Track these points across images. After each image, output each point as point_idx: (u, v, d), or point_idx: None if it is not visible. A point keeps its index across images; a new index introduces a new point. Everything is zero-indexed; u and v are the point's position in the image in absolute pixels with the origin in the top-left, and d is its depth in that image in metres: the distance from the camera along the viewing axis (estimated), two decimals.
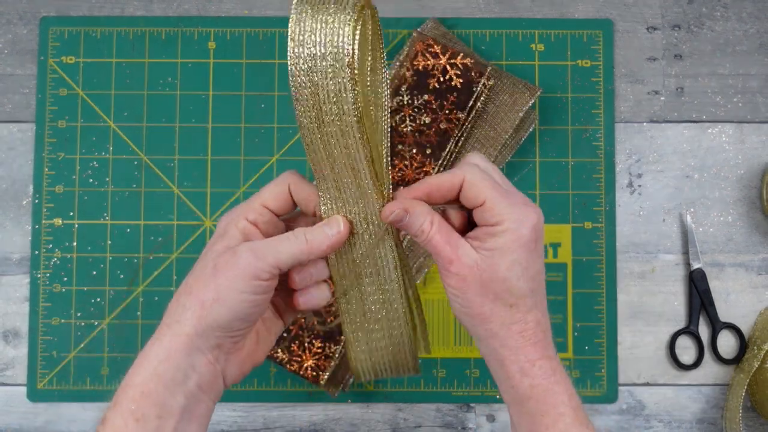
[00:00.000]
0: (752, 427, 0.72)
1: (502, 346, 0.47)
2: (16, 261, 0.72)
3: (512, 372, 0.47)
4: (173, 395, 0.45)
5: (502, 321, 0.47)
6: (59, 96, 0.73)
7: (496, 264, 0.46)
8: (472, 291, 0.46)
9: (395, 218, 0.47)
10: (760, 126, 0.73)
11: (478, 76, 0.68)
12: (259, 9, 0.74)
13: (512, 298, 0.47)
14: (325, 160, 0.45)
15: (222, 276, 0.45)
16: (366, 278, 0.50)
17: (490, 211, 0.46)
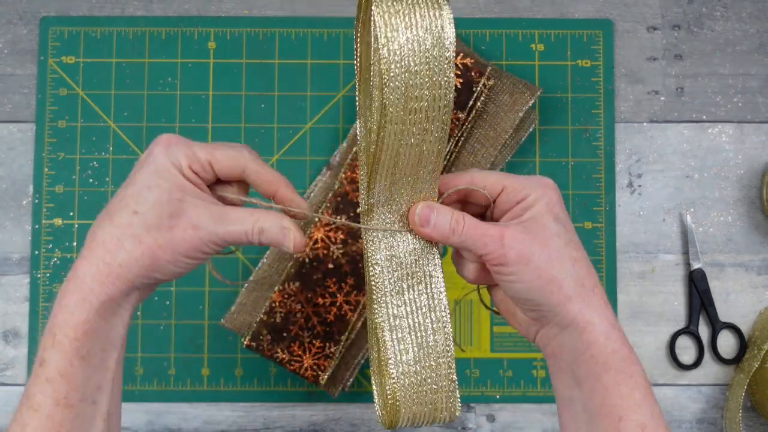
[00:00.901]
0: (752, 427, 0.72)
1: (584, 309, 0.45)
2: (16, 261, 0.72)
3: (596, 335, 0.45)
4: (114, 329, 0.46)
5: (576, 279, 0.45)
6: (59, 96, 0.73)
7: (544, 222, 0.46)
8: (535, 256, 0.45)
9: (421, 217, 0.46)
10: (760, 126, 0.73)
11: (478, 76, 0.68)
12: (259, 9, 0.74)
13: (573, 251, 0.46)
14: (395, 152, 0.44)
15: (162, 248, 0.44)
16: (407, 286, 0.48)
17: (514, 191, 0.47)
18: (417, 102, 0.42)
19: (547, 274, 0.45)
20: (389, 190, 0.46)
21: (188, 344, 0.71)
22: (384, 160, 0.44)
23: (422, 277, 0.48)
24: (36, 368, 0.44)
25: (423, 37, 0.41)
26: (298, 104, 0.73)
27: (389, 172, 0.45)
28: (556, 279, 0.45)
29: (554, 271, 0.45)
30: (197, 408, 0.71)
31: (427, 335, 0.47)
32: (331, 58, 0.73)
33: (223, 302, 0.71)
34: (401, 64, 0.41)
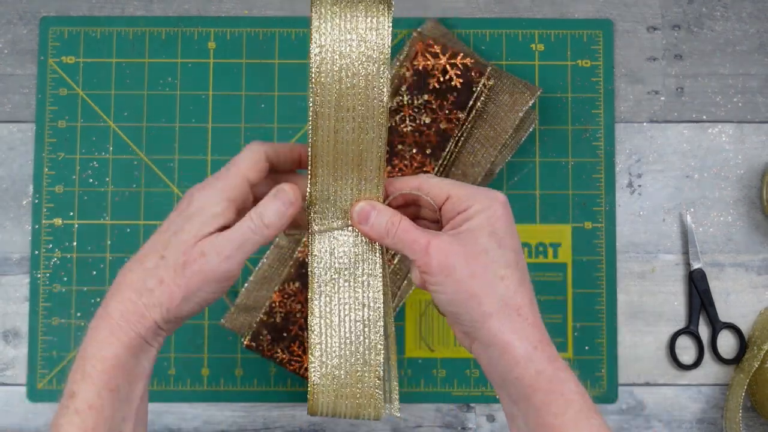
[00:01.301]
0: (752, 427, 0.72)
1: (502, 329, 0.45)
2: (16, 261, 0.72)
3: (517, 358, 0.45)
4: (141, 363, 0.47)
5: (498, 296, 0.45)
6: (59, 96, 0.73)
7: (476, 237, 0.46)
8: (459, 268, 0.45)
9: (361, 214, 0.47)
10: (760, 126, 0.73)
11: (478, 76, 0.68)
12: (259, 9, 0.74)
13: (501, 269, 0.46)
14: (332, 147, 0.45)
15: (193, 278, 0.46)
16: (343, 281, 0.49)
17: (458, 200, 0.47)
18: (349, 103, 0.43)
19: (467, 288, 0.45)
20: (333, 186, 0.47)
21: (188, 344, 0.71)
22: (322, 155, 0.46)
23: (360, 275, 0.49)
24: (65, 400, 0.46)
25: (357, 43, 0.42)
26: (298, 104, 0.73)
27: (329, 167, 0.46)
28: (477, 295, 0.45)
29: (475, 287, 0.45)
30: (197, 408, 0.71)
31: (357, 330, 0.49)
32: None
33: (223, 302, 0.71)
34: (331, 67, 0.42)
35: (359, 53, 0.42)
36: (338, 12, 0.42)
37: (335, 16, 0.42)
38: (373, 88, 0.43)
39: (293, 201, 0.47)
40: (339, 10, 0.42)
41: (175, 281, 0.46)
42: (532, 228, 0.72)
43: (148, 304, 0.46)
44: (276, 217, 0.47)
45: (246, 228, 0.47)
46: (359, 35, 0.41)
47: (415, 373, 0.71)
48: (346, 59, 0.42)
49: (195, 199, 0.48)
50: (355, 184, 0.47)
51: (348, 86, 0.43)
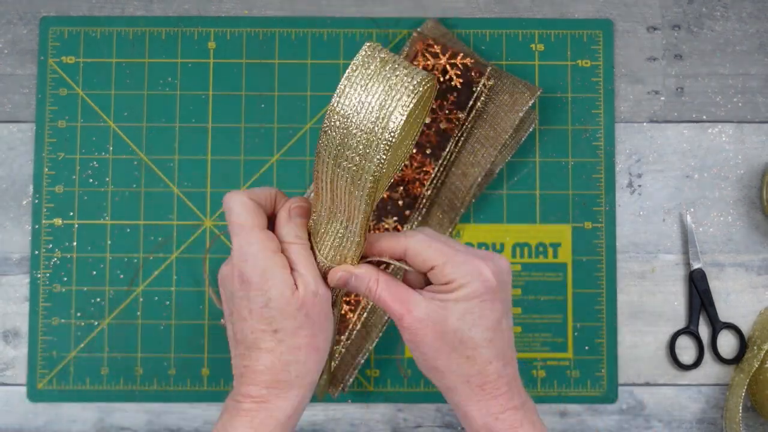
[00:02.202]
0: (752, 427, 0.72)
1: (463, 401, 0.48)
2: (16, 261, 0.72)
3: (476, 426, 0.48)
4: None
5: (460, 374, 0.47)
6: (59, 96, 0.73)
7: (447, 315, 0.46)
8: (426, 344, 0.47)
9: (340, 281, 0.48)
10: (760, 126, 0.73)
11: (478, 76, 0.68)
12: (259, 9, 0.74)
13: (467, 349, 0.47)
14: (329, 191, 0.45)
15: (319, 336, 0.48)
16: None
17: (441, 274, 0.47)
18: (347, 161, 0.42)
19: (432, 363, 0.47)
20: (327, 219, 0.48)
21: (188, 344, 0.71)
22: (321, 193, 0.46)
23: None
24: None
25: (373, 107, 0.41)
26: (298, 104, 0.73)
27: (328, 202, 0.46)
28: (440, 369, 0.47)
29: (439, 363, 0.47)
30: (197, 408, 0.71)
31: None
32: (331, 58, 0.73)
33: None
34: (342, 120, 0.41)
35: (368, 120, 0.41)
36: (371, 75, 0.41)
37: (363, 77, 0.41)
38: (370, 160, 0.42)
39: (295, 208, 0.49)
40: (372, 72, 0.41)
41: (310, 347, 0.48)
42: (532, 228, 0.72)
43: (300, 375, 0.48)
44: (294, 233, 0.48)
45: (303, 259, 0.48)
46: (378, 105, 0.41)
47: (415, 373, 0.71)
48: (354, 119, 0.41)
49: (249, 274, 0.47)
50: (344, 228, 0.47)
51: (347, 144, 0.42)
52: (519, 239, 0.72)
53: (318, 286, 0.47)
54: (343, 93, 0.41)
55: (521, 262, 0.72)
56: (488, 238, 0.72)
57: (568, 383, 0.71)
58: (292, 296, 0.46)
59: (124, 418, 0.71)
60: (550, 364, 0.71)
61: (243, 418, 0.46)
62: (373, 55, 0.41)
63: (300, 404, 0.47)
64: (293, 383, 0.46)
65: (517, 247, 0.72)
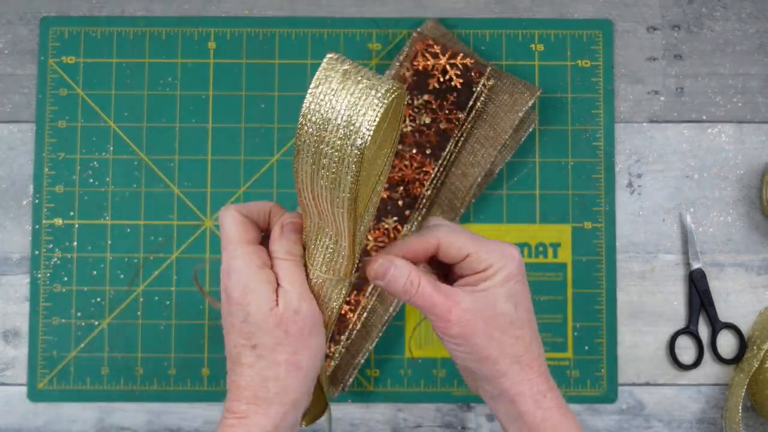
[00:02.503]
0: (752, 426, 0.72)
1: (514, 383, 0.48)
2: (16, 261, 0.72)
3: (527, 407, 0.48)
4: None
5: (513, 355, 0.47)
6: (59, 96, 0.73)
7: (495, 300, 0.47)
8: (477, 334, 0.46)
9: (379, 271, 0.47)
10: (760, 126, 0.73)
11: (478, 76, 0.68)
12: (260, 9, 0.74)
13: (516, 329, 0.47)
14: (314, 206, 0.44)
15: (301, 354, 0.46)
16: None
17: (477, 260, 0.47)
18: (323, 179, 0.40)
19: (484, 352, 0.47)
20: (316, 235, 0.46)
21: (188, 344, 0.71)
22: (306, 206, 0.44)
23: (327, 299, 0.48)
24: None
25: (339, 124, 0.39)
26: (298, 104, 0.73)
27: (315, 217, 0.45)
28: (491, 357, 0.47)
29: (492, 350, 0.47)
30: (197, 408, 0.71)
31: None
32: None
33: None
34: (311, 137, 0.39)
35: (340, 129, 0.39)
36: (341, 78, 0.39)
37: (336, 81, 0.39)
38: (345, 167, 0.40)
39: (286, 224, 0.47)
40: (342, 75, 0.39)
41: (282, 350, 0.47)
42: (532, 228, 0.72)
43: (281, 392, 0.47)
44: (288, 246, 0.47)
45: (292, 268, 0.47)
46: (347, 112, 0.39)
47: (415, 373, 0.71)
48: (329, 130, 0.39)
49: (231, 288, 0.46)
50: (332, 242, 0.46)
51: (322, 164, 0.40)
52: (519, 239, 0.72)
53: (302, 303, 0.46)
54: (309, 110, 0.39)
55: None
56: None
57: (567, 383, 0.71)
58: (270, 312, 0.45)
59: (124, 418, 0.71)
60: (550, 364, 0.71)
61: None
62: (335, 68, 0.39)
63: (282, 422, 0.46)
64: (272, 400, 0.46)
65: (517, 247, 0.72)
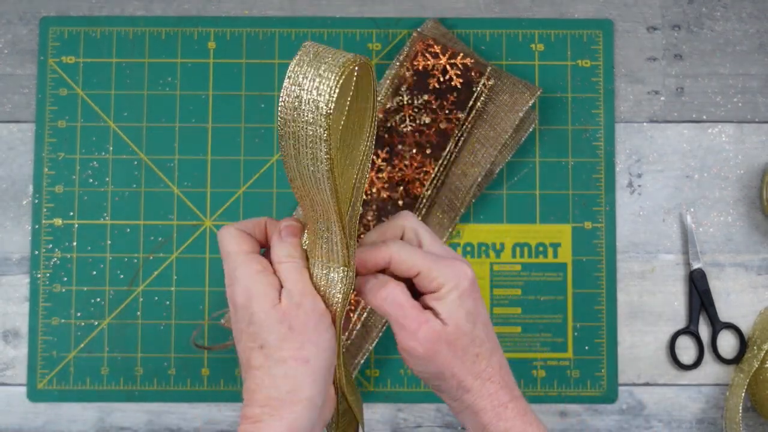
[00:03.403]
0: (752, 427, 0.72)
1: (477, 398, 0.48)
2: (16, 261, 0.72)
3: (488, 419, 0.48)
4: None
5: (474, 373, 0.48)
6: (59, 96, 0.73)
7: (455, 320, 0.47)
8: (442, 354, 0.47)
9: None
10: (760, 126, 0.73)
11: (478, 76, 0.68)
12: (259, 9, 0.74)
13: (476, 348, 0.48)
14: (306, 196, 0.45)
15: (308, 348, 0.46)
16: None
17: (428, 278, 0.48)
18: (305, 158, 0.43)
19: (449, 370, 0.48)
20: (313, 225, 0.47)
21: (188, 344, 0.71)
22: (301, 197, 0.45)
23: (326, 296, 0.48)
24: None
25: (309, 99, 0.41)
26: None
27: (308, 206, 0.46)
28: (456, 375, 0.48)
29: (455, 369, 0.48)
30: (197, 408, 0.71)
31: None
32: None
33: (223, 302, 0.71)
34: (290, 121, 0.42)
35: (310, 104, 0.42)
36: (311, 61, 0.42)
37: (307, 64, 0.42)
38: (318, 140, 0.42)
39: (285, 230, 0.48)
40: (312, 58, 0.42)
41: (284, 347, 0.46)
42: (532, 228, 0.72)
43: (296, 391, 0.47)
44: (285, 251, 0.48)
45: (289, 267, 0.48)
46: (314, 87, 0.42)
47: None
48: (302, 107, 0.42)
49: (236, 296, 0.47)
50: (326, 230, 0.47)
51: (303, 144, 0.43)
52: (519, 239, 0.72)
53: (303, 298, 0.46)
54: (286, 94, 0.42)
55: (521, 262, 0.72)
56: (488, 238, 0.72)
57: (568, 383, 0.71)
58: (272, 309, 0.45)
59: (124, 418, 0.71)
60: (550, 364, 0.71)
61: None
62: (308, 50, 0.42)
63: (297, 423, 0.45)
64: (284, 399, 0.45)
65: (517, 247, 0.72)
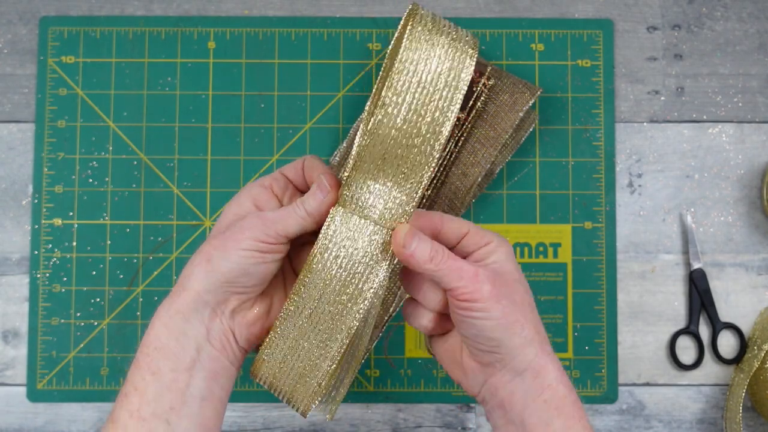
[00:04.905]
0: (752, 427, 0.72)
1: (539, 353, 0.47)
2: (15, 261, 0.72)
3: (549, 381, 0.47)
4: (184, 348, 0.47)
5: (534, 324, 0.48)
6: (59, 96, 0.73)
7: (508, 268, 0.48)
8: (505, 296, 0.46)
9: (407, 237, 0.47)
10: (760, 126, 0.73)
11: (478, 76, 0.68)
12: (259, 9, 0.74)
13: (530, 298, 0.49)
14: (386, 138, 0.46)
15: (229, 236, 0.47)
16: (336, 280, 0.48)
17: (478, 235, 0.49)
18: (416, 118, 0.45)
19: (513, 314, 0.46)
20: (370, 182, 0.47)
21: None
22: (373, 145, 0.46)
23: (355, 283, 0.47)
24: (121, 389, 0.48)
25: (439, 71, 0.44)
26: (298, 104, 0.73)
27: (375, 161, 0.46)
28: (520, 321, 0.47)
29: (518, 313, 0.47)
30: None
31: (323, 330, 0.48)
32: (331, 58, 0.73)
33: None
34: (409, 80, 0.44)
35: (434, 84, 0.44)
36: (429, 39, 0.45)
37: (427, 40, 0.45)
38: (443, 113, 0.44)
39: (329, 189, 0.48)
40: (431, 35, 0.45)
41: (211, 243, 0.48)
42: (532, 228, 0.72)
43: (187, 274, 0.48)
44: (315, 205, 0.48)
45: (288, 209, 0.48)
46: (442, 66, 0.44)
47: (415, 373, 0.71)
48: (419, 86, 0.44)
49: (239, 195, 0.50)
50: (388, 193, 0.48)
51: (415, 104, 0.44)
52: (519, 239, 0.72)
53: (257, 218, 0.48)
54: (407, 55, 0.44)
55: (521, 262, 0.72)
56: None
57: None
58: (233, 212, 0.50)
59: None
60: None
61: None
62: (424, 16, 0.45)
63: (180, 308, 0.48)
64: (181, 283, 0.48)
65: (517, 247, 0.72)
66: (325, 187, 0.48)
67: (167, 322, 0.47)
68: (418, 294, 0.50)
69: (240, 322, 0.49)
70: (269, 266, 0.48)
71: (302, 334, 0.48)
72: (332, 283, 0.47)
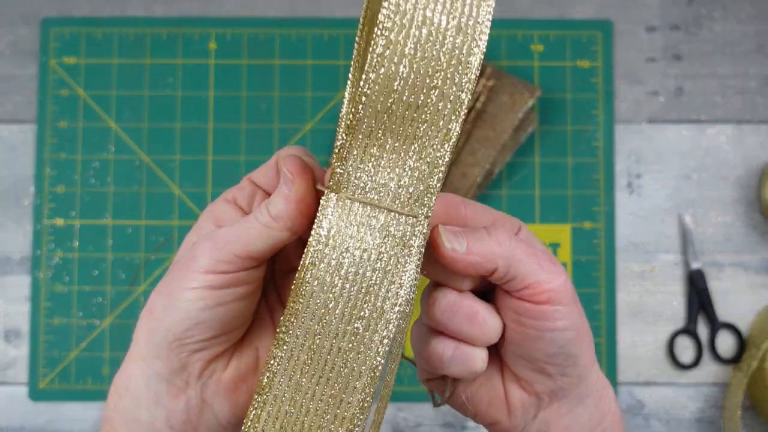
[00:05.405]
0: (751, 426, 0.72)
1: (599, 373, 0.37)
2: (17, 261, 0.72)
3: (611, 404, 0.37)
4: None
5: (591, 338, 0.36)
6: (60, 97, 0.73)
7: None
8: (574, 305, 0.34)
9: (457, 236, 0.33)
10: (759, 126, 0.73)
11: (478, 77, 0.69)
12: (260, 10, 0.74)
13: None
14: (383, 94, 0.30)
15: (174, 273, 0.34)
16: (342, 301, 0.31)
17: (509, 221, 0.37)
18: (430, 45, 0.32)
19: (584, 325, 0.35)
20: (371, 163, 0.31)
21: None
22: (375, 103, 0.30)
23: (371, 301, 0.31)
24: None
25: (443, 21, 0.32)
26: (298, 104, 0.73)
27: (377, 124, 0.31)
28: (589, 334, 0.35)
29: (586, 326, 0.35)
30: None
31: (333, 380, 0.32)
32: (331, 58, 0.73)
33: None
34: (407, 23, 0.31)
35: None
36: None
37: None
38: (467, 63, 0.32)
39: (292, 176, 0.33)
40: None
41: (158, 292, 0.35)
42: (532, 228, 0.72)
43: (134, 338, 0.37)
44: (282, 204, 0.33)
45: (249, 218, 0.33)
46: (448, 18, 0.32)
47: (415, 373, 0.71)
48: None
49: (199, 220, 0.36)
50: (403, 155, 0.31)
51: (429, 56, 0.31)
52: None
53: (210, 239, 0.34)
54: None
55: None
56: None
57: None
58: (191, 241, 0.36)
59: None
60: None
61: None
62: None
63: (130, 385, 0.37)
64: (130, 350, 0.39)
65: None
66: (287, 175, 0.33)
67: (117, 402, 0.35)
68: (473, 324, 0.34)
69: (215, 390, 0.35)
70: (233, 306, 0.33)
71: (302, 390, 0.32)
72: (337, 307, 0.31)
